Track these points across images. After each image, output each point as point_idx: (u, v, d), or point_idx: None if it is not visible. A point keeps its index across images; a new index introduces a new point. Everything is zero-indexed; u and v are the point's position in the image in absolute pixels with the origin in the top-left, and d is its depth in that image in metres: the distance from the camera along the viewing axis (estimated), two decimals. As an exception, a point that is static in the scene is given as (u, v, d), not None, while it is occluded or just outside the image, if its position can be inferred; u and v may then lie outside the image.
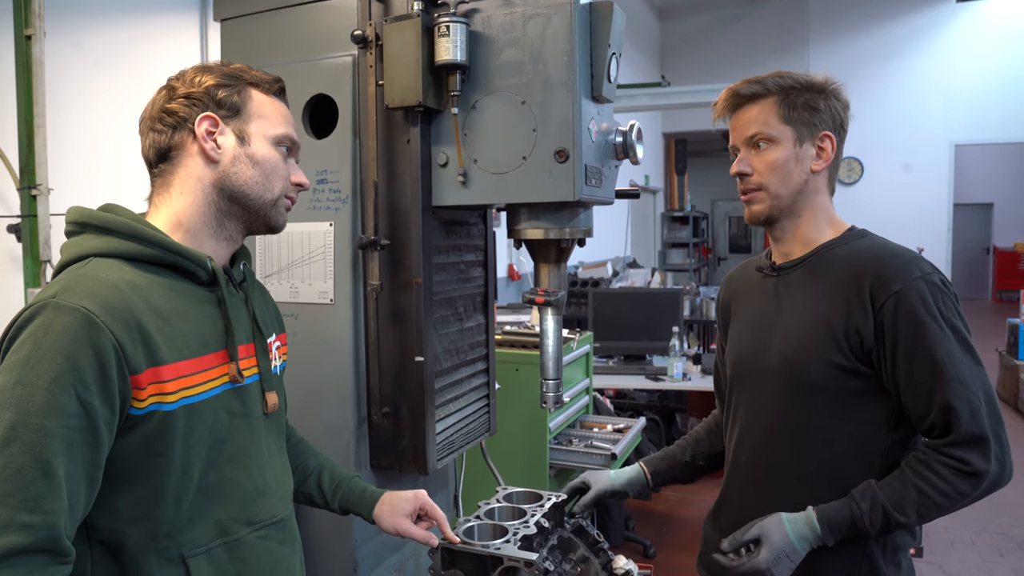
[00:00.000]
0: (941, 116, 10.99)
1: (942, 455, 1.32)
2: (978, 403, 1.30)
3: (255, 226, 1.24)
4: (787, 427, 1.47)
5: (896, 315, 1.34)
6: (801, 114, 1.45)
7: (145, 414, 1.02)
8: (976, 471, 1.29)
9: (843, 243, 1.48)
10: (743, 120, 1.49)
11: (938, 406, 1.32)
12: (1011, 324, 7.21)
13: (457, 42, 1.44)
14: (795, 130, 1.46)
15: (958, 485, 1.30)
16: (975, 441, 1.30)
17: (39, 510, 0.92)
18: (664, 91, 7.51)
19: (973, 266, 15.44)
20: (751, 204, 1.51)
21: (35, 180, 2.75)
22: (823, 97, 1.47)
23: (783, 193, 1.47)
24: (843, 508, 1.36)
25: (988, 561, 4.06)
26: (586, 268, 7.30)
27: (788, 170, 1.46)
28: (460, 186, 1.51)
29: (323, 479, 1.44)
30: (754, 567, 1.36)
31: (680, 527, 4.45)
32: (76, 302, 0.98)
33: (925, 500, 1.31)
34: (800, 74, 1.49)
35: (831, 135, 1.48)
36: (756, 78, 1.49)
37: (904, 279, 1.35)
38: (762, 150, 1.47)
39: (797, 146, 1.46)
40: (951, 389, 1.30)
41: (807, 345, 1.43)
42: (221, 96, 1.17)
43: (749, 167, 1.49)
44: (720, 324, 1.75)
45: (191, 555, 1.08)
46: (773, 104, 1.46)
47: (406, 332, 1.58)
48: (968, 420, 1.30)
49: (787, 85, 1.46)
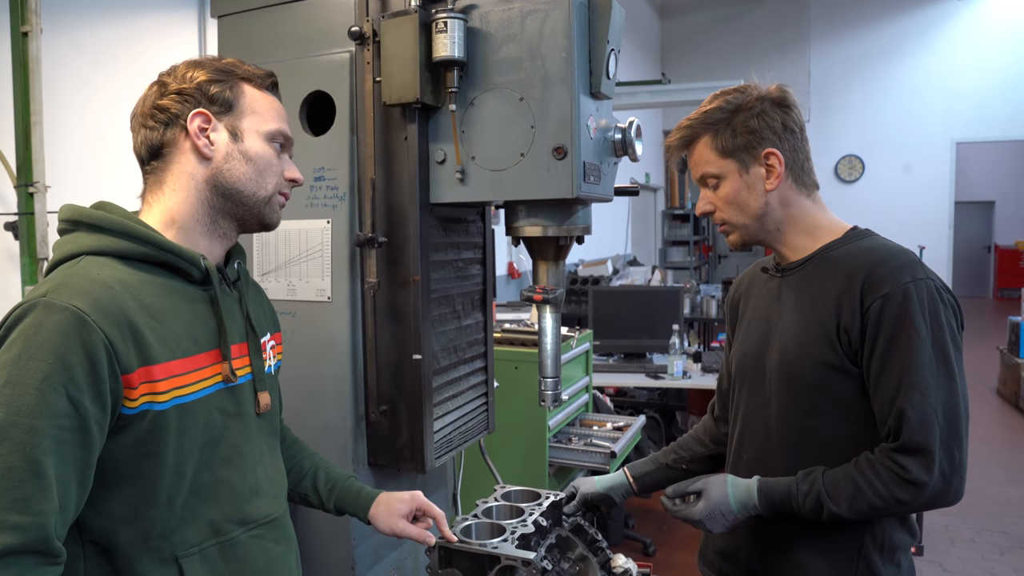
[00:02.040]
0: (942, 114, 10.98)
1: (886, 458, 1.33)
2: (932, 415, 1.30)
3: (249, 223, 1.23)
4: (785, 427, 1.47)
5: (880, 318, 1.33)
6: (735, 141, 1.45)
7: (137, 414, 1.01)
8: (913, 479, 1.29)
9: (844, 244, 1.47)
10: (692, 162, 1.53)
11: (895, 411, 1.32)
12: (1012, 322, 7.20)
13: (455, 38, 1.43)
14: (736, 160, 1.46)
15: (893, 490, 1.31)
16: (917, 451, 1.30)
17: (29, 510, 0.91)
18: (665, 89, 7.47)
19: (974, 264, 15.43)
20: (725, 235, 1.55)
21: (32, 178, 2.74)
22: (754, 114, 1.44)
23: (746, 222, 1.49)
24: (783, 484, 1.40)
25: (988, 559, 4.05)
26: (586, 266, 7.29)
27: (742, 200, 1.47)
28: (458, 183, 1.50)
29: (318, 479, 1.43)
30: (688, 515, 1.46)
31: (680, 525, 4.41)
32: (67, 301, 0.97)
33: (859, 496, 1.33)
34: (729, 95, 1.48)
35: (775, 150, 1.44)
36: (685, 121, 1.51)
37: (894, 282, 1.33)
38: (715, 188, 1.50)
39: (744, 174, 1.46)
40: (908, 396, 1.30)
41: (803, 345, 1.42)
42: (213, 92, 1.16)
43: (711, 204, 1.52)
44: (728, 322, 1.75)
45: (184, 555, 1.07)
46: (707, 142, 1.48)
47: (404, 330, 1.58)
48: (915, 429, 1.29)
49: (714, 120, 1.47)
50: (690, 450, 1.78)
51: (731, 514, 1.43)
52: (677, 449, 1.80)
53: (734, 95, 1.48)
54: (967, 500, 3.59)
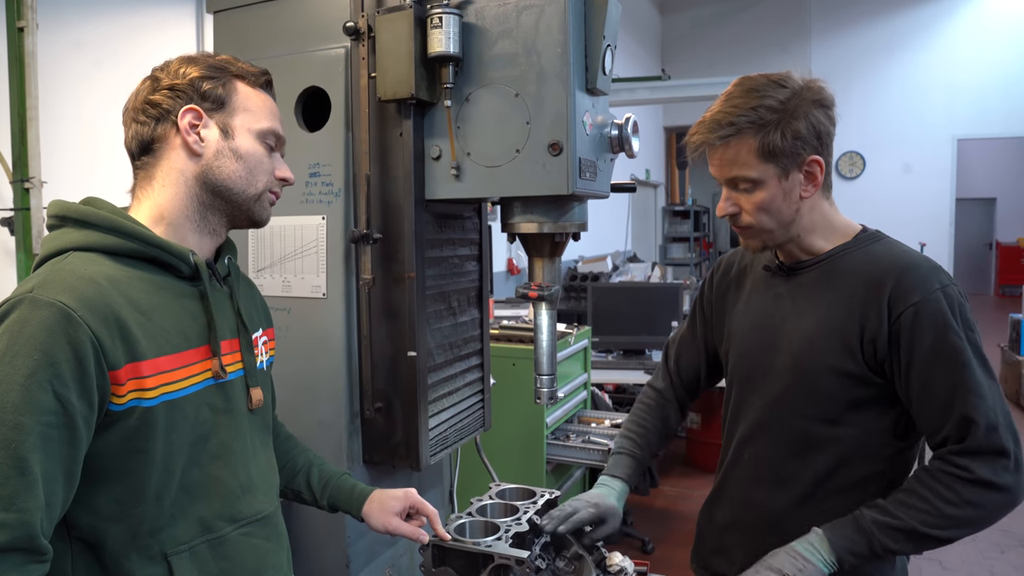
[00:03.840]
0: (944, 110, 10.95)
1: (947, 464, 1.30)
2: (995, 418, 1.28)
3: (238, 220, 1.22)
4: (793, 428, 1.45)
5: (915, 326, 1.31)
6: (782, 146, 1.33)
7: (125, 410, 1.01)
8: (980, 479, 1.27)
9: (858, 247, 1.44)
10: (720, 160, 1.38)
11: (956, 418, 1.29)
12: (1013, 319, 7.19)
13: (450, 34, 1.42)
14: (778, 165, 1.35)
15: (960, 491, 1.27)
16: (990, 453, 1.28)
17: (14, 508, 0.90)
18: (665, 85, 7.46)
19: (975, 261, 15.42)
20: (745, 239, 1.46)
21: (28, 173, 2.73)
22: (802, 117, 1.33)
23: (774, 228, 1.41)
24: (848, 532, 1.33)
25: (988, 557, 4.05)
26: (586, 262, 7.28)
27: (777, 207, 1.38)
28: (453, 179, 1.49)
29: (312, 476, 1.42)
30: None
31: (678, 522, 4.44)
32: (53, 296, 0.96)
33: (929, 508, 1.28)
34: (772, 89, 1.35)
35: (819, 158, 1.36)
36: (726, 116, 1.34)
37: (924, 290, 1.32)
38: (748, 192, 1.38)
39: (783, 180, 1.36)
40: (967, 401, 1.28)
41: (818, 350, 1.40)
42: (206, 88, 1.15)
43: (736, 207, 1.41)
44: (707, 303, 1.70)
45: (173, 553, 1.07)
46: (750, 143, 1.33)
47: (399, 326, 1.57)
48: (984, 433, 1.27)
49: (763, 121, 1.32)
50: (659, 433, 1.73)
51: (817, 570, 1.32)
52: (650, 441, 1.72)
53: (778, 89, 1.34)
54: (965, 498, 3.49)
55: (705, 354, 1.73)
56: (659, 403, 1.76)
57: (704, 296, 1.72)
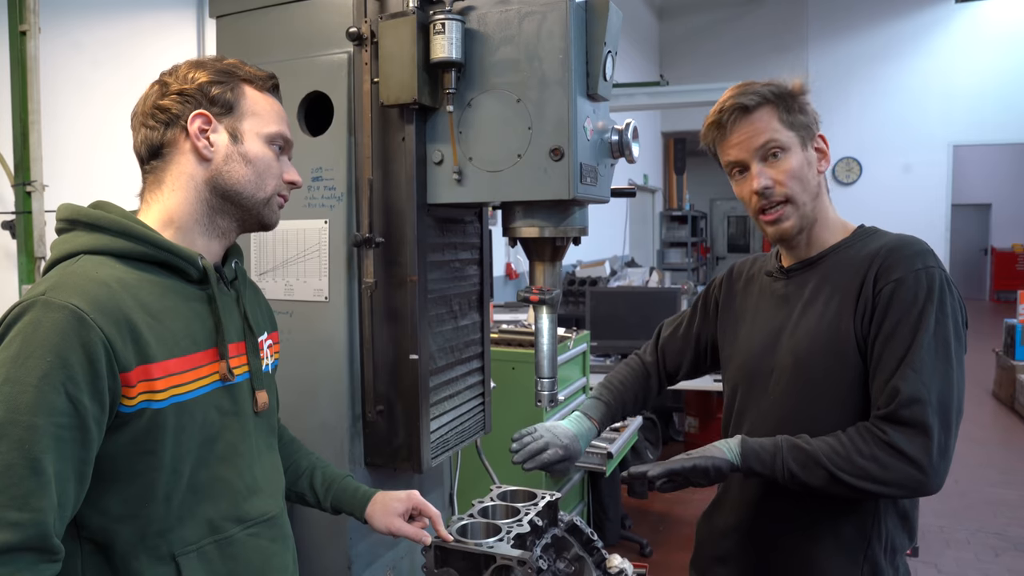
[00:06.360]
0: (940, 116, 11.01)
1: (871, 425, 1.32)
2: (924, 394, 1.28)
3: (248, 224, 1.23)
4: (797, 426, 1.45)
5: (890, 301, 1.34)
6: (799, 117, 1.44)
7: (135, 412, 1.02)
8: (893, 444, 1.27)
9: (855, 242, 1.47)
10: (748, 132, 1.44)
11: (888, 388, 1.31)
12: (1008, 324, 7.22)
13: (452, 39, 1.44)
14: (798, 135, 1.44)
15: (874, 450, 1.28)
16: (905, 423, 1.28)
17: (27, 508, 0.91)
18: (663, 90, 7.50)
19: (971, 267, 15.46)
20: (780, 222, 1.44)
21: (30, 177, 2.73)
22: (806, 100, 1.47)
23: (807, 200, 1.44)
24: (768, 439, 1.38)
25: (983, 561, 4.06)
26: (584, 267, 7.29)
27: (805, 175, 1.43)
28: (455, 184, 1.51)
29: (315, 478, 1.43)
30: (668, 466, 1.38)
31: (677, 526, 4.45)
32: (65, 299, 0.97)
33: (841, 451, 1.30)
34: (776, 79, 1.48)
35: (823, 135, 1.49)
36: (749, 88, 1.45)
37: (906, 268, 1.34)
38: (778, 160, 1.42)
39: (805, 150, 1.45)
40: (902, 374, 1.30)
41: (819, 343, 1.42)
42: (214, 93, 1.16)
43: (770, 180, 1.42)
44: (711, 301, 1.73)
45: (181, 553, 1.08)
46: (773, 111, 1.43)
47: (401, 330, 1.58)
48: (904, 403, 1.28)
49: (780, 91, 1.45)
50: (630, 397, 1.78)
51: (723, 459, 1.36)
52: (620, 394, 1.76)
53: (778, 80, 1.47)
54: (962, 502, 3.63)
55: (695, 348, 1.76)
56: (643, 373, 1.81)
57: (711, 294, 1.75)
